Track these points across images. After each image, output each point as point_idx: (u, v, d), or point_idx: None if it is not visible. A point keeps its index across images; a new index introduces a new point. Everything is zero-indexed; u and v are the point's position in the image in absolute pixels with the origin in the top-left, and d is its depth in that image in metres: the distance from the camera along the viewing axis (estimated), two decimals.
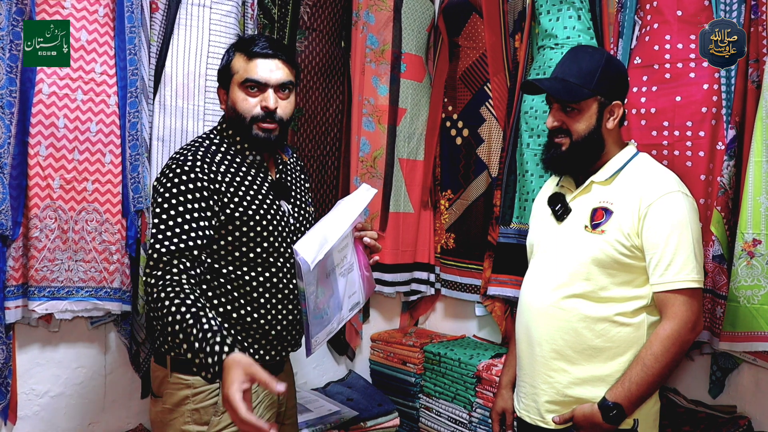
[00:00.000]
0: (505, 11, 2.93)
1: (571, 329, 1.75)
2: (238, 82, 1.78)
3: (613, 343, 1.73)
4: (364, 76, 2.99)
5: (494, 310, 2.88)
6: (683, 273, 1.68)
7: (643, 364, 1.67)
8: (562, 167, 1.90)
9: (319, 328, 1.72)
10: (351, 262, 1.82)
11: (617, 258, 1.72)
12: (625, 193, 1.76)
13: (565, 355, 1.76)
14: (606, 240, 1.74)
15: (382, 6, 3.02)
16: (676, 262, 1.68)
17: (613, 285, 1.74)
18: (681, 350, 1.68)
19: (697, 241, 1.71)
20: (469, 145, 3.09)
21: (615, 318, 1.73)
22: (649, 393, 1.70)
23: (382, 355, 3.17)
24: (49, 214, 2.14)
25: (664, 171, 1.81)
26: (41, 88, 2.11)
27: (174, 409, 1.76)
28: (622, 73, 1.87)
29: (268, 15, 2.67)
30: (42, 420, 2.28)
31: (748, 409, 2.28)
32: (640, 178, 1.78)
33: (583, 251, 1.76)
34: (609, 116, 1.82)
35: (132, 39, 2.24)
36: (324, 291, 1.71)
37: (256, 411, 1.79)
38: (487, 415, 2.62)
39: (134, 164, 2.26)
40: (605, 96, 1.81)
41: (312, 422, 2.55)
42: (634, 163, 1.82)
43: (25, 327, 2.22)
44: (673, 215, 1.69)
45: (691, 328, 1.68)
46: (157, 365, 1.82)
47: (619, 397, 1.68)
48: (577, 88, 1.80)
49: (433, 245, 3.24)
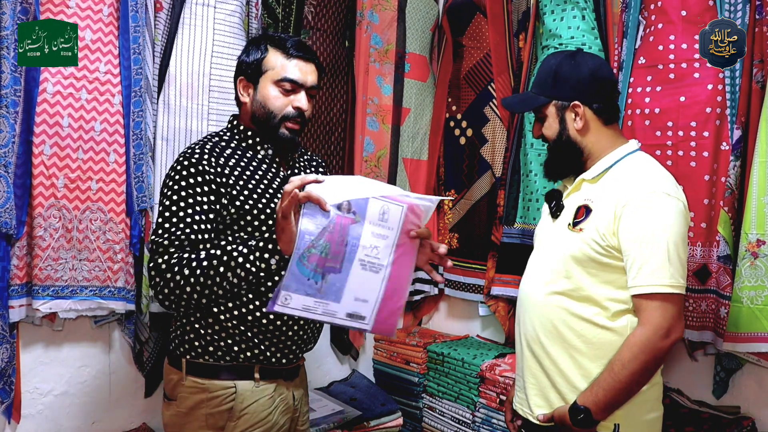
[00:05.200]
0: (509, 11, 2.93)
1: (554, 327, 1.73)
2: (273, 78, 1.78)
3: (592, 345, 1.68)
4: (368, 75, 2.99)
5: (498, 310, 2.89)
6: (656, 277, 1.60)
7: (611, 370, 1.62)
8: (548, 172, 1.91)
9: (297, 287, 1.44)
10: (382, 264, 1.52)
11: (594, 257, 1.68)
12: (606, 191, 1.72)
13: (548, 352, 1.75)
14: (582, 238, 1.70)
15: (387, 6, 3.02)
16: (648, 266, 1.60)
17: (594, 284, 1.69)
18: (652, 358, 1.60)
19: (676, 244, 1.61)
20: (472, 145, 3.09)
21: (594, 319, 1.68)
22: (618, 400, 1.63)
23: (385, 354, 3.17)
24: (53, 213, 2.14)
25: (651, 171, 1.72)
26: (45, 88, 2.12)
27: (188, 413, 1.73)
28: (579, 72, 1.79)
29: (272, 14, 2.67)
30: (46, 419, 2.28)
31: (752, 410, 2.27)
32: (624, 177, 1.72)
33: (564, 249, 1.74)
34: (574, 117, 1.79)
35: (136, 38, 2.25)
36: (328, 254, 1.46)
37: (272, 416, 1.77)
38: (490, 415, 2.62)
39: (138, 163, 2.27)
40: (561, 98, 1.80)
41: (315, 422, 2.55)
42: (625, 162, 1.76)
43: (29, 326, 2.23)
44: (648, 217, 1.62)
45: (663, 335, 1.59)
46: (171, 368, 1.80)
47: (587, 401, 1.64)
48: (533, 97, 1.85)
49: None
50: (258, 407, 1.74)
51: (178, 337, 1.78)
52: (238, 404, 1.72)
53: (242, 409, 1.72)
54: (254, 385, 1.74)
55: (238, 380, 1.73)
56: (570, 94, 1.79)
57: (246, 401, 1.72)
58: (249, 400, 1.73)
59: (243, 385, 1.73)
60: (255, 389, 1.74)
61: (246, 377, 1.74)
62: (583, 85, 1.79)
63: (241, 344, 1.72)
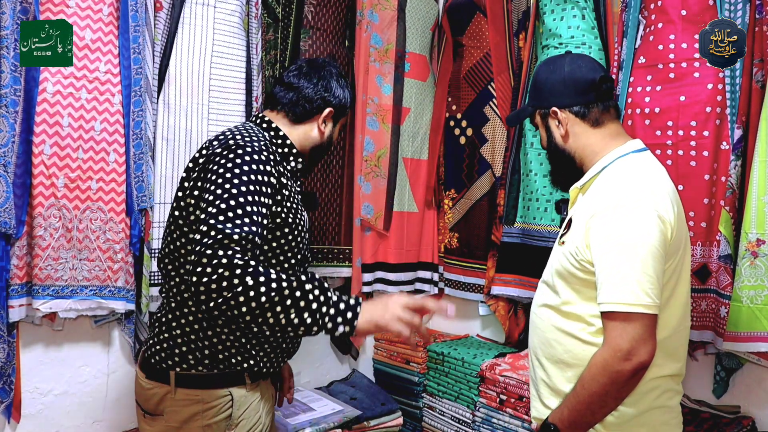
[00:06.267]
0: (509, 11, 2.92)
1: (546, 340, 1.69)
2: (342, 123, 1.95)
3: (579, 360, 1.59)
4: (368, 75, 2.99)
5: (498, 309, 2.89)
6: (615, 295, 1.47)
7: (574, 390, 1.56)
8: (553, 182, 1.90)
9: None
10: None
11: (573, 272, 1.60)
12: (586, 203, 1.64)
13: (543, 364, 1.71)
14: (563, 252, 1.64)
15: (386, 5, 3.02)
16: (609, 282, 1.49)
17: (579, 300, 1.60)
18: (611, 381, 1.48)
19: (642, 259, 1.47)
20: (472, 144, 3.08)
21: (579, 334, 1.60)
22: (583, 420, 1.55)
23: (385, 354, 3.17)
24: (53, 212, 2.15)
25: (628, 178, 1.59)
26: (45, 87, 2.12)
27: (181, 427, 1.67)
28: (553, 77, 1.74)
29: (272, 14, 2.67)
30: (46, 418, 2.28)
31: (751, 410, 2.27)
32: (603, 185, 1.62)
33: (553, 262, 1.70)
34: (557, 124, 1.75)
35: (136, 38, 2.25)
36: None
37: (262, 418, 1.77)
38: (490, 414, 2.62)
39: (138, 163, 2.27)
40: (540, 106, 1.78)
41: (315, 421, 2.55)
42: (614, 167, 1.64)
43: (29, 326, 2.23)
44: (612, 231, 1.51)
45: (623, 358, 1.46)
46: (153, 382, 1.70)
47: (555, 419, 1.60)
48: (523, 108, 1.85)
49: (437, 244, 3.24)
50: (251, 411, 1.73)
51: (163, 351, 1.69)
52: (236, 411, 1.69)
53: (239, 415, 1.70)
54: (246, 390, 1.72)
55: (232, 387, 1.69)
56: (548, 99, 1.76)
57: (242, 407, 1.70)
58: (244, 405, 1.71)
59: (237, 391, 1.70)
60: (247, 394, 1.72)
61: (238, 383, 1.71)
62: (558, 89, 1.73)
63: (237, 355, 1.69)
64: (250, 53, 2.58)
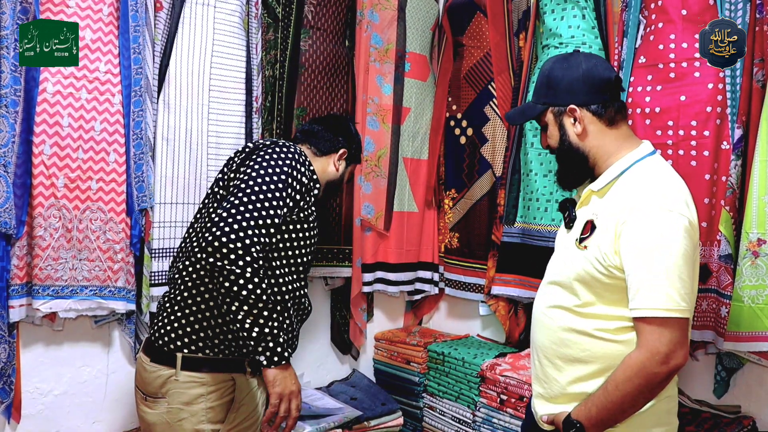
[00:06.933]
0: (509, 10, 2.93)
1: (559, 339, 1.68)
2: (352, 168, 2.23)
3: (596, 358, 1.61)
4: (369, 75, 2.99)
5: (498, 309, 2.89)
6: (651, 300, 1.49)
7: (605, 389, 1.56)
8: (560, 182, 1.85)
9: None
10: None
11: (597, 277, 1.59)
12: (610, 206, 1.62)
13: (554, 362, 1.70)
14: (586, 257, 1.62)
15: (387, 5, 3.02)
16: (645, 288, 1.50)
17: (599, 303, 1.61)
18: (647, 383, 1.51)
19: (677, 264, 1.49)
20: (473, 144, 3.08)
21: (598, 333, 1.61)
22: (611, 419, 1.57)
23: (385, 354, 3.17)
24: (53, 213, 2.14)
25: (656, 183, 1.59)
26: (45, 87, 2.12)
27: (183, 409, 1.73)
28: (572, 74, 1.71)
29: (272, 14, 2.67)
30: (46, 418, 2.28)
31: (752, 409, 2.27)
32: (627, 190, 1.61)
33: (571, 266, 1.67)
34: (573, 122, 1.71)
35: (136, 38, 2.24)
36: None
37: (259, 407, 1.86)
38: (491, 414, 2.62)
39: (138, 163, 2.26)
40: (556, 104, 1.73)
41: (315, 421, 2.55)
42: (633, 171, 1.64)
43: (29, 326, 2.23)
44: (646, 236, 1.51)
45: (661, 361, 1.49)
46: (157, 365, 1.77)
47: (580, 416, 1.60)
48: (531, 106, 1.79)
49: (437, 244, 3.24)
50: (250, 398, 1.81)
51: (173, 332, 1.77)
52: (238, 395, 1.77)
53: (241, 399, 1.77)
54: (246, 377, 1.80)
55: (234, 373, 1.78)
56: (564, 97, 1.72)
57: (243, 392, 1.79)
58: (245, 391, 1.79)
59: (239, 377, 1.79)
60: (247, 381, 1.80)
61: (240, 370, 1.79)
62: (576, 86, 1.70)
63: (239, 340, 1.73)
64: (250, 53, 2.58)
